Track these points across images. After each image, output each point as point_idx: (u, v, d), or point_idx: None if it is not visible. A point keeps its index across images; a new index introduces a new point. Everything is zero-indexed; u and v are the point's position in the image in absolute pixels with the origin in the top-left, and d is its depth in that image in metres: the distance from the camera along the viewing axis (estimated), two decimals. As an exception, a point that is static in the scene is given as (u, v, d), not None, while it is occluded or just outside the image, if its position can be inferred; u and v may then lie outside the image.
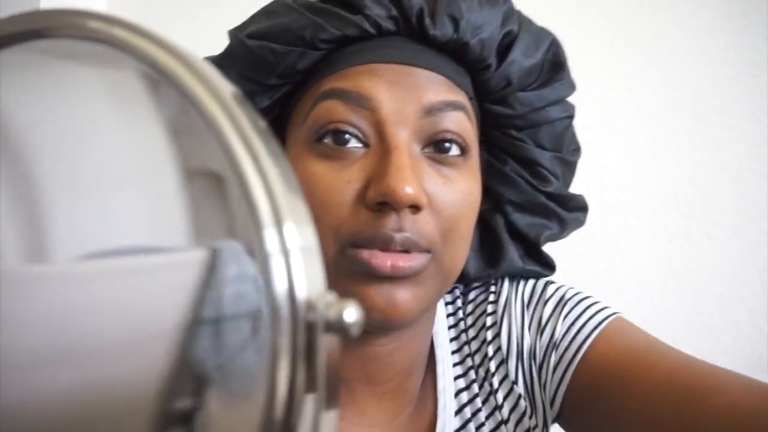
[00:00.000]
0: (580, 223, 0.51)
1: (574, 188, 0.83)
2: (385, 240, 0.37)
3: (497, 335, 0.47)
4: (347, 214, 0.38)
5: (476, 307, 0.49)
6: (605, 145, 0.83)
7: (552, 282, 0.50)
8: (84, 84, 0.27)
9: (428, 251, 0.39)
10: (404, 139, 0.38)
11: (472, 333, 0.48)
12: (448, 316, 0.50)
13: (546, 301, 0.47)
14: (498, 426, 0.45)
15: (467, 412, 0.46)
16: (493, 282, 0.50)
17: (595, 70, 0.82)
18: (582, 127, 0.84)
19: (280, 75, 0.41)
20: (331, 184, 0.38)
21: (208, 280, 0.22)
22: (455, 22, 0.40)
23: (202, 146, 0.23)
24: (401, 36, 0.41)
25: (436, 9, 0.39)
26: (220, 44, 0.90)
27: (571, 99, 0.47)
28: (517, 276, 0.50)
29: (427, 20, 0.39)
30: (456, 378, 0.47)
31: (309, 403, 0.18)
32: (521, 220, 0.48)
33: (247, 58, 0.41)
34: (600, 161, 0.83)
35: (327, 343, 0.19)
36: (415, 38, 0.41)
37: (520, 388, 0.46)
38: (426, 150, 0.40)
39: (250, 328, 0.21)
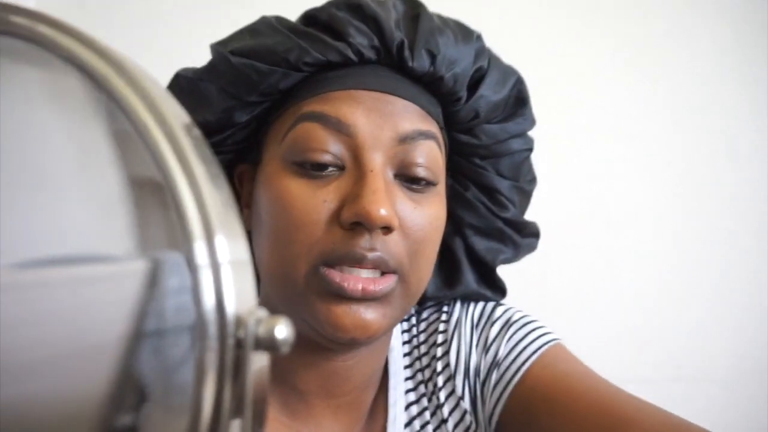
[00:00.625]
0: (532, 248, 0.54)
1: None
2: (357, 258, 0.39)
3: (446, 352, 0.49)
4: (321, 232, 0.40)
5: (429, 325, 0.52)
6: (543, 167, 0.84)
7: (501, 304, 0.53)
8: (20, 83, 0.26)
9: (395, 272, 0.41)
10: (379, 163, 0.41)
11: (423, 349, 0.51)
12: (403, 332, 0.52)
13: (494, 322, 0.50)
14: None
15: (416, 424, 0.48)
16: (446, 303, 0.53)
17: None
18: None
19: (261, 93, 0.42)
20: (307, 202, 0.40)
21: (150, 291, 0.22)
22: (432, 56, 0.42)
23: (141, 153, 0.22)
24: (381, 65, 0.43)
25: (415, 42, 0.42)
26: (156, 45, 0.88)
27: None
28: (469, 298, 0.53)
29: (407, 52, 0.42)
30: (407, 392, 0.49)
31: (235, 425, 0.18)
32: (479, 243, 0.50)
33: (231, 74, 0.42)
34: (539, 182, 0.84)
35: (256, 361, 0.18)
36: (394, 68, 0.43)
37: (466, 404, 0.48)
38: (398, 178, 0.42)
39: (190, 341, 0.20)
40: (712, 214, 0.83)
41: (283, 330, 0.18)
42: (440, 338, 0.50)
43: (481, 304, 0.52)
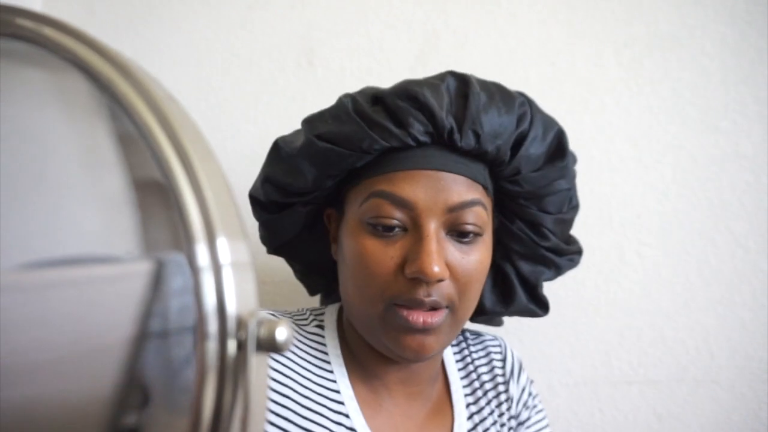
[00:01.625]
0: (574, 264, 0.63)
1: None
2: (418, 302, 0.51)
3: (506, 383, 0.65)
4: (390, 280, 0.51)
5: (483, 350, 0.66)
6: None
7: (524, 368, 0.68)
8: (25, 85, 0.26)
9: (447, 307, 0.52)
10: (433, 228, 0.51)
11: (479, 365, 0.65)
12: (455, 352, 0.66)
13: (526, 388, 0.67)
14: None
15: (476, 418, 0.61)
16: (490, 338, 0.68)
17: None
18: None
19: (341, 169, 0.54)
20: (379, 257, 0.51)
21: (153, 292, 0.22)
22: (477, 135, 0.51)
23: (145, 155, 0.22)
24: (435, 145, 0.52)
25: (463, 125, 0.51)
26: (162, 49, 0.88)
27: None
28: (521, 314, 0.64)
29: (456, 135, 0.51)
30: (466, 395, 0.62)
31: (235, 425, 0.18)
32: (524, 267, 0.61)
33: (318, 156, 0.53)
34: None
35: (257, 362, 0.18)
36: (445, 147, 0.52)
37: (513, 422, 0.64)
38: (449, 234, 0.52)
39: (192, 342, 0.20)
40: (718, 214, 0.83)
41: (283, 332, 0.18)
42: (498, 370, 0.65)
43: (519, 357, 0.68)
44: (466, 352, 0.66)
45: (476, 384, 0.63)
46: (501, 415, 0.62)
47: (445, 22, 0.86)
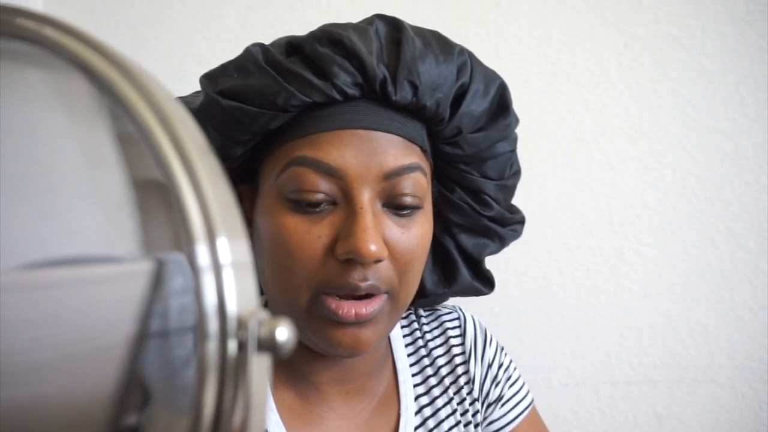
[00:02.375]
0: (517, 234, 0.57)
1: (519, 208, 0.85)
2: (352, 288, 0.43)
3: (466, 362, 0.57)
4: (318, 265, 0.43)
5: (437, 328, 0.58)
6: (545, 167, 0.85)
7: (492, 337, 0.60)
8: (26, 85, 0.26)
9: (386, 293, 0.45)
10: (367, 199, 0.43)
11: (432, 347, 0.57)
12: (403, 328, 0.58)
13: (501, 363, 0.59)
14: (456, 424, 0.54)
15: (427, 411, 0.54)
16: (447, 310, 0.60)
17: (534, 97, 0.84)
18: (522, 149, 0.85)
19: (252, 132, 0.45)
20: (303, 238, 0.43)
21: (154, 292, 0.22)
22: (414, 87, 0.44)
23: (145, 155, 0.22)
24: (365, 100, 0.44)
25: (397, 75, 0.43)
26: (163, 49, 0.88)
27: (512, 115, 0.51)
28: (465, 293, 0.57)
29: (390, 87, 0.43)
30: (415, 386, 0.55)
31: (236, 425, 0.18)
32: (467, 240, 0.54)
33: (222, 117, 0.44)
34: (541, 182, 0.85)
35: (258, 363, 0.18)
36: (378, 101, 0.44)
37: (477, 406, 0.56)
38: (386, 206, 0.45)
39: (192, 342, 0.20)
40: (718, 214, 0.83)
41: (284, 332, 0.18)
42: (456, 349, 0.57)
43: (482, 326, 0.60)
44: (418, 333, 0.57)
45: (429, 371, 0.55)
46: (462, 401, 0.55)
47: (445, 22, 0.86)
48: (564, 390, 0.84)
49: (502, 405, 0.57)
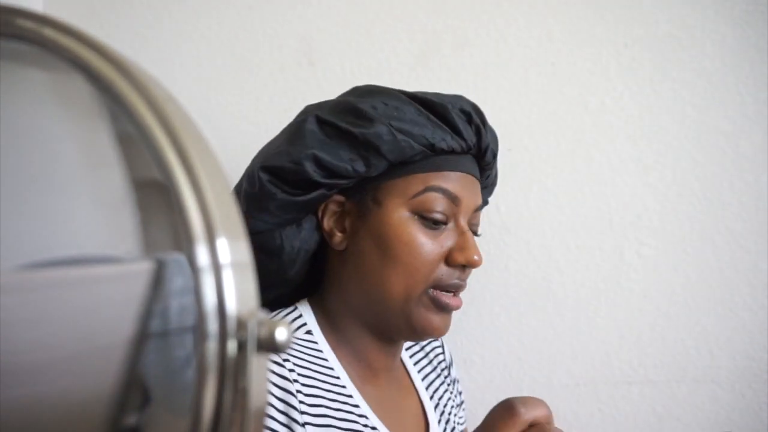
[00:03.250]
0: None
1: (517, 208, 0.86)
2: (458, 287, 0.60)
3: (448, 368, 0.75)
4: (436, 268, 0.59)
5: (426, 342, 0.74)
6: (545, 167, 0.85)
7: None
8: (26, 85, 0.26)
9: None
10: (466, 224, 0.61)
11: (432, 354, 0.74)
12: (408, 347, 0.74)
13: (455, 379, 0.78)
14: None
15: (430, 391, 0.70)
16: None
17: (534, 98, 0.84)
18: (522, 149, 0.86)
19: (403, 162, 0.59)
20: (431, 248, 0.58)
21: (154, 292, 0.22)
22: (494, 155, 0.65)
23: (145, 155, 0.22)
24: (468, 155, 0.62)
25: (489, 146, 0.63)
26: (163, 49, 0.88)
27: (505, 119, 0.62)
28: None
29: (489, 153, 0.63)
30: (419, 371, 0.71)
31: (236, 426, 0.18)
32: None
33: (391, 145, 0.58)
34: (541, 182, 0.85)
35: (257, 363, 0.18)
36: (475, 158, 0.63)
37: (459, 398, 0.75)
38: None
39: (192, 343, 0.20)
40: (717, 215, 0.83)
41: (283, 332, 0.18)
42: (440, 357, 0.74)
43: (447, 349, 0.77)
44: (421, 344, 0.74)
45: (428, 368, 0.72)
46: (452, 392, 0.73)
47: (445, 22, 0.86)
48: (564, 390, 0.84)
49: (463, 409, 0.75)
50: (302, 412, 0.54)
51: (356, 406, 0.58)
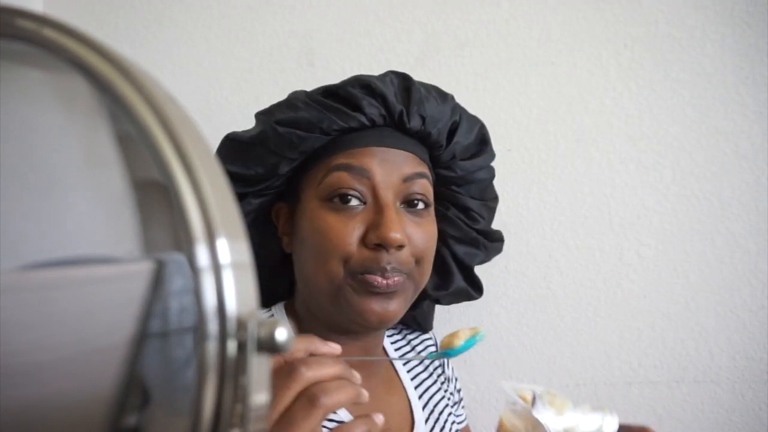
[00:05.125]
0: (499, 250, 0.72)
1: (519, 209, 0.86)
2: (380, 270, 0.55)
3: (442, 366, 0.73)
4: (353, 251, 0.55)
5: (417, 341, 0.73)
6: (545, 167, 0.85)
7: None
8: (26, 86, 0.26)
9: (406, 274, 0.57)
10: (390, 199, 0.56)
11: (416, 345, 0.73)
12: (394, 336, 0.73)
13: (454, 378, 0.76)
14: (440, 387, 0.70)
15: (420, 389, 0.69)
16: (425, 336, 0.75)
17: (534, 96, 0.84)
18: (523, 149, 0.86)
19: (301, 151, 0.58)
20: (341, 230, 0.55)
21: (155, 292, 0.22)
22: (422, 118, 0.58)
23: (145, 155, 0.22)
24: (386, 126, 0.58)
25: (410, 110, 0.58)
26: (162, 49, 0.88)
27: (505, 119, 0.59)
28: (459, 297, 0.70)
29: (405, 117, 0.58)
30: (408, 371, 0.69)
31: (236, 426, 0.18)
32: (459, 249, 0.68)
33: (276, 140, 0.57)
34: (541, 182, 0.85)
35: (257, 363, 0.18)
36: (396, 128, 0.59)
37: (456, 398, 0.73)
38: (403, 205, 0.58)
39: (192, 343, 0.20)
40: (717, 215, 0.83)
41: (283, 332, 0.18)
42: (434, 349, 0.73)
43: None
44: (408, 338, 0.73)
45: (419, 367, 0.70)
46: (446, 390, 0.71)
47: (445, 22, 0.86)
48: (564, 390, 0.84)
49: (462, 407, 0.74)
50: None
51: None
